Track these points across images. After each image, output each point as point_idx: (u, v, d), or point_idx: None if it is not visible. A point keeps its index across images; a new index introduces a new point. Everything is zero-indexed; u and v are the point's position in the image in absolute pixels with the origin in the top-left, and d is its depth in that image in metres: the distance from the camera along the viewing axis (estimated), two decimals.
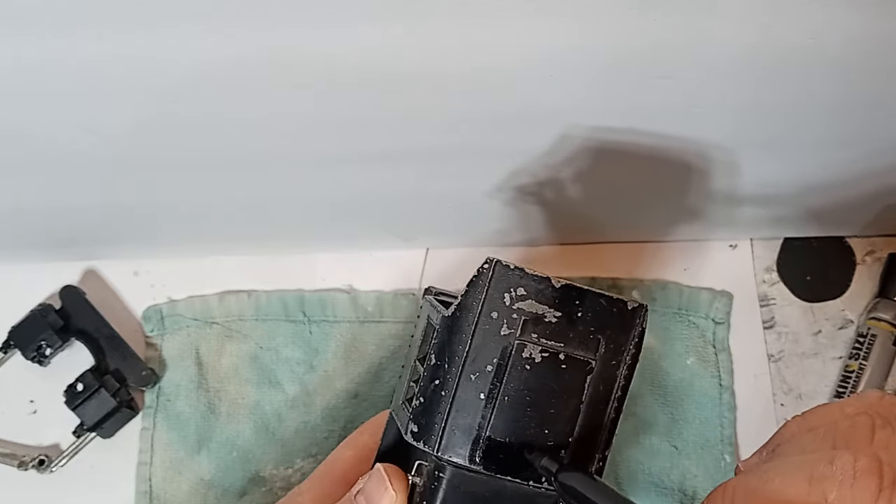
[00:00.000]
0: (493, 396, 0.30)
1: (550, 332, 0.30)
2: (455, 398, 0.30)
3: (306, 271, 0.59)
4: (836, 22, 0.36)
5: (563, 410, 0.30)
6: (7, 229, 0.54)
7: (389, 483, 0.31)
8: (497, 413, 0.30)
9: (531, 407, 0.30)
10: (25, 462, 0.55)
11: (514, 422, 0.30)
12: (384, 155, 0.46)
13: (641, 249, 0.60)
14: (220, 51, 0.36)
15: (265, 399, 0.56)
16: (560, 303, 0.31)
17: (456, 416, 0.30)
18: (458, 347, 0.30)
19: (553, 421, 0.30)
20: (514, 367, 0.30)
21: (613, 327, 0.31)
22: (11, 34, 0.34)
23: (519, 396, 0.30)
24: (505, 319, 0.30)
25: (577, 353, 0.31)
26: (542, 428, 0.30)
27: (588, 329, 0.31)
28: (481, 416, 0.30)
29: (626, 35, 0.36)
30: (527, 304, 0.30)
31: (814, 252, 0.60)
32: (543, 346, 0.30)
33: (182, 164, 0.46)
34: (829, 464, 0.24)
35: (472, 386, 0.30)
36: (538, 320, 0.30)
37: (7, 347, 0.56)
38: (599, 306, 0.31)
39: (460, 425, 0.30)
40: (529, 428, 0.30)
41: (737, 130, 0.45)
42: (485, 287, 0.30)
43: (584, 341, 0.31)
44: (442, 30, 0.35)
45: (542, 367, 0.30)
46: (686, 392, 0.56)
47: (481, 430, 0.30)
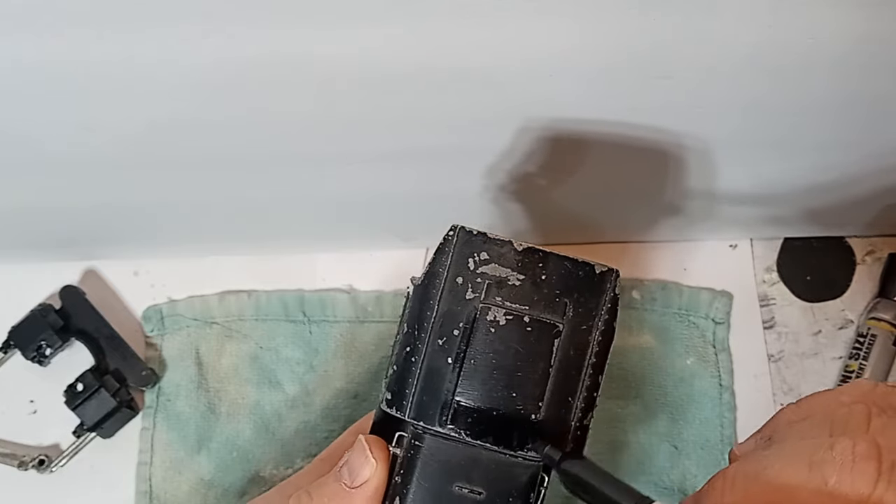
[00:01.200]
0: (460, 361, 0.30)
1: (514, 295, 0.31)
2: (424, 364, 0.31)
3: (306, 271, 0.59)
4: (836, 22, 0.36)
5: (530, 374, 0.30)
6: (7, 229, 0.54)
7: (370, 452, 0.31)
8: (464, 377, 0.30)
9: (497, 370, 0.30)
10: (25, 462, 0.55)
11: (481, 385, 0.30)
12: (384, 155, 0.46)
13: (641, 249, 0.60)
14: (220, 51, 0.36)
15: (265, 399, 0.56)
16: (523, 266, 0.31)
17: (425, 382, 0.31)
18: (427, 314, 0.31)
19: (521, 384, 0.30)
20: (479, 330, 0.30)
21: (581, 290, 0.31)
22: (11, 34, 0.34)
23: (485, 360, 0.30)
24: (469, 284, 0.31)
25: (542, 315, 0.30)
26: (510, 391, 0.30)
27: (553, 292, 0.31)
28: (449, 380, 0.30)
29: (626, 35, 0.36)
30: (490, 267, 0.31)
31: (814, 252, 0.59)
32: (508, 309, 0.30)
33: (182, 163, 0.46)
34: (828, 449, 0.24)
35: (440, 351, 0.31)
36: (502, 283, 0.31)
37: (7, 347, 0.56)
38: (564, 269, 0.31)
39: (430, 390, 0.31)
40: (497, 391, 0.30)
41: (737, 131, 0.45)
42: (450, 253, 0.31)
43: (549, 304, 0.31)
44: (442, 30, 0.35)
45: (507, 329, 0.30)
46: (686, 392, 0.56)
47: (449, 395, 0.30)
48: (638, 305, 0.58)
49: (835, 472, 0.24)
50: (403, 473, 0.31)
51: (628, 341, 0.57)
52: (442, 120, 0.43)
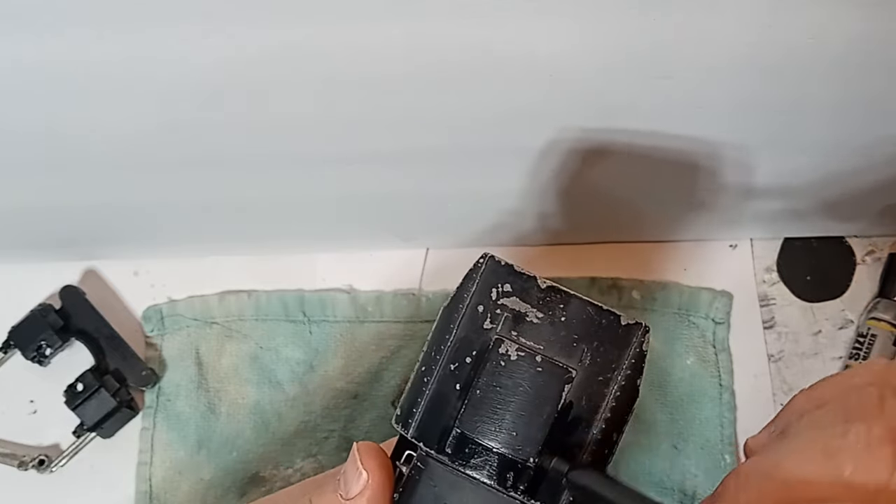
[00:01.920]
0: (467, 389, 0.30)
1: (530, 332, 0.30)
2: (434, 386, 0.31)
3: (306, 271, 0.59)
4: (835, 22, 0.36)
5: (534, 416, 0.29)
6: (7, 229, 0.54)
7: (360, 464, 0.30)
8: (468, 406, 0.30)
9: (501, 406, 0.30)
10: (25, 462, 0.55)
11: (483, 418, 0.30)
12: (384, 155, 0.46)
13: (641, 249, 0.60)
14: (219, 51, 0.36)
15: (265, 399, 0.56)
16: (544, 304, 0.30)
17: (432, 404, 0.30)
18: (445, 337, 0.31)
19: (523, 425, 0.29)
20: (489, 361, 0.30)
21: (602, 339, 0.30)
22: (11, 34, 0.34)
23: (491, 393, 0.30)
24: (489, 314, 0.30)
25: (556, 358, 0.30)
26: (511, 430, 0.29)
27: (571, 336, 0.30)
28: (453, 407, 0.30)
29: (626, 35, 0.36)
30: (511, 300, 0.30)
31: (814, 252, 0.59)
32: (521, 345, 0.30)
33: (182, 163, 0.46)
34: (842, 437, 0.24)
35: (450, 376, 0.30)
36: (520, 318, 0.30)
37: (7, 347, 0.56)
38: (586, 314, 0.30)
39: (435, 414, 0.30)
40: (498, 428, 0.30)
41: (737, 131, 0.45)
42: (476, 280, 0.31)
43: (565, 347, 0.30)
44: (442, 30, 0.35)
45: (517, 365, 0.30)
46: (686, 392, 0.56)
47: (452, 422, 0.30)
48: (638, 305, 0.58)
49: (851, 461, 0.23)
50: (402, 492, 0.31)
51: None
52: (442, 120, 0.43)
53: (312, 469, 0.55)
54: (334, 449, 0.55)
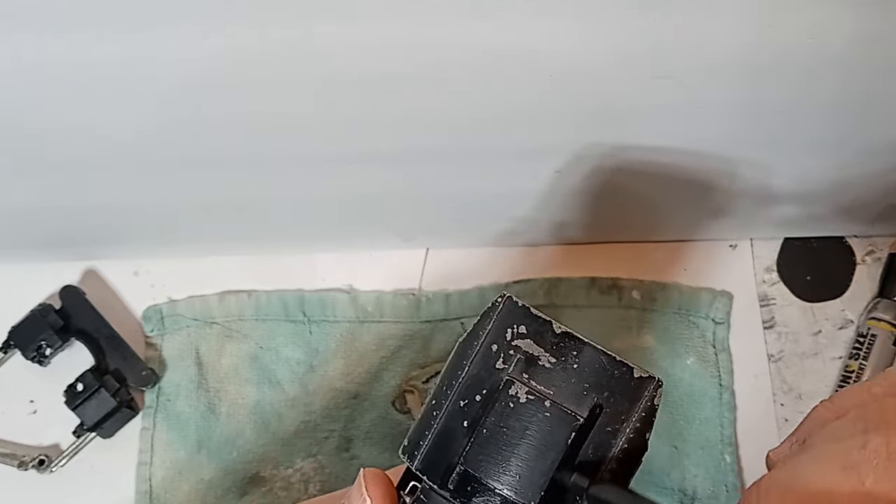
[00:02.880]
0: (474, 427, 0.30)
1: (541, 376, 0.30)
2: (442, 421, 0.31)
3: (306, 271, 0.59)
4: (835, 22, 0.36)
5: (538, 460, 0.29)
6: (7, 229, 0.54)
7: (365, 490, 0.30)
8: (474, 444, 0.30)
9: (507, 447, 0.30)
10: (25, 462, 0.55)
11: (488, 458, 0.30)
12: (384, 155, 0.46)
13: (641, 249, 0.60)
14: (219, 51, 0.36)
15: (265, 399, 0.56)
16: (557, 349, 0.30)
17: (439, 438, 0.31)
18: (458, 372, 0.31)
19: (526, 468, 0.29)
20: (498, 401, 0.30)
21: (613, 390, 0.30)
22: (11, 34, 0.34)
23: (498, 434, 0.30)
24: (502, 353, 0.30)
25: (565, 404, 0.29)
26: (514, 472, 0.29)
27: (582, 384, 0.30)
28: (459, 443, 0.30)
29: (627, 35, 0.36)
30: (525, 343, 0.30)
31: (814, 252, 0.60)
32: (531, 388, 0.30)
33: (182, 164, 0.46)
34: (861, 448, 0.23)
35: (459, 412, 0.30)
36: (532, 361, 0.30)
37: (7, 347, 0.56)
38: (599, 363, 0.30)
39: (441, 448, 0.30)
40: (502, 468, 0.30)
41: (736, 131, 0.45)
42: (492, 319, 0.31)
43: (575, 395, 0.30)
44: (442, 30, 0.35)
45: (525, 408, 0.30)
46: (686, 392, 0.56)
47: (456, 458, 0.30)
48: (638, 305, 0.58)
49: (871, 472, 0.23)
50: None
51: (628, 341, 0.57)
52: (442, 120, 0.43)
53: (312, 469, 0.55)
54: (334, 449, 0.55)
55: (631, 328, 0.57)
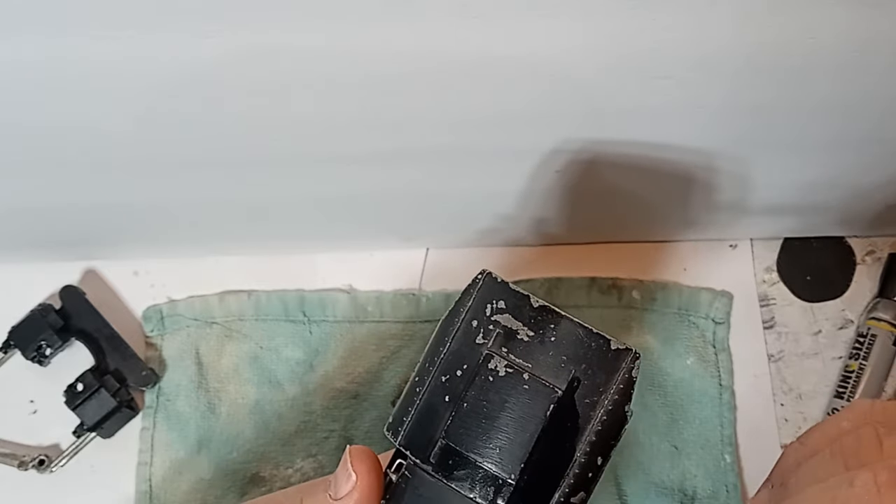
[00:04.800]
0: (456, 402, 0.30)
1: (520, 350, 0.30)
2: (425, 397, 0.31)
3: (306, 271, 0.59)
4: (836, 22, 0.36)
5: (517, 433, 0.29)
6: (7, 229, 0.54)
7: (350, 466, 0.31)
8: (455, 419, 0.30)
9: (487, 421, 0.30)
10: (25, 462, 0.55)
11: (469, 431, 0.30)
12: (384, 155, 0.46)
13: (641, 249, 0.60)
14: (219, 50, 0.36)
15: (265, 399, 0.56)
16: (535, 322, 0.30)
17: (421, 414, 0.31)
18: (440, 349, 0.31)
19: (506, 441, 0.30)
20: (478, 376, 0.30)
21: (591, 362, 0.30)
22: (11, 33, 0.34)
23: (477, 406, 0.30)
24: (482, 329, 0.31)
25: (543, 377, 0.30)
26: (494, 445, 0.30)
27: (560, 356, 0.30)
28: (441, 418, 0.30)
29: (626, 35, 0.36)
30: (504, 317, 0.31)
31: (814, 252, 0.60)
32: (510, 362, 0.30)
33: (182, 163, 0.46)
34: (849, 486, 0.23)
35: (441, 388, 0.31)
36: (511, 335, 0.30)
37: (7, 347, 0.56)
38: (576, 336, 0.30)
39: (423, 424, 0.31)
40: (482, 442, 0.30)
41: (736, 131, 0.45)
42: (472, 296, 0.31)
43: (553, 368, 0.30)
44: (441, 30, 0.35)
45: (504, 381, 0.30)
46: (686, 392, 0.56)
47: (439, 432, 0.30)
48: (638, 305, 0.58)
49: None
50: (389, 499, 0.31)
51: (628, 341, 0.57)
52: (442, 120, 0.43)
53: (312, 469, 0.55)
54: (334, 449, 0.55)
55: (631, 328, 0.57)
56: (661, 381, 0.56)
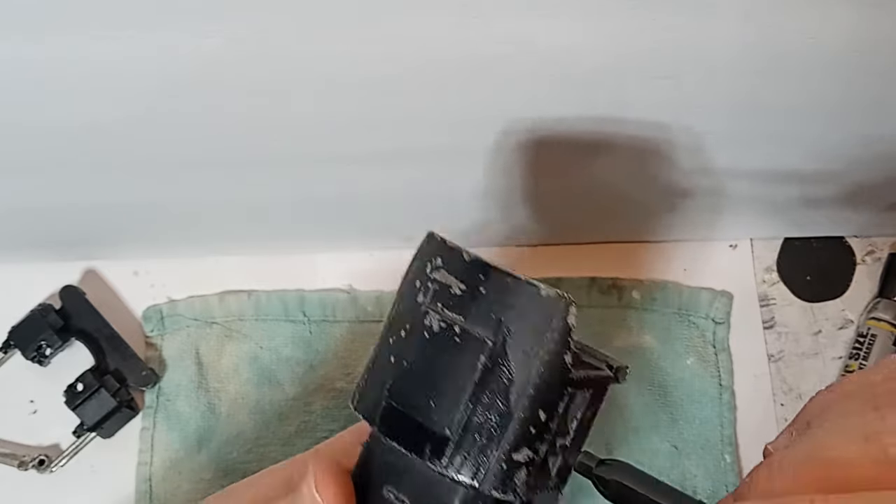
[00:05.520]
0: (399, 361, 0.30)
1: (453, 304, 0.29)
2: (376, 361, 0.31)
3: (306, 271, 0.59)
4: (836, 22, 0.36)
5: (451, 387, 0.29)
6: (7, 229, 0.54)
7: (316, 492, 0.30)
8: (397, 378, 0.30)
9: (424, 377, 0.29)
10: (25, 462, 0.55)
11: (409, 389, 0.30)
12: (384, 155, 0.46)
13: (641, 249, 0.59)
14: (220, 51, 0.36)
15: (265, 399, 0.56)
16: (467, 276, 0.30)
17: (372, 376, 0.31)
18: (390, 311, 0.31)
19: (441, 397, 0.29)
20: (416, 333, 0.30)
21: (522, 313, 0.28)
22: (10, 33, 0.34)
23: (416, 364, 0.30)
24: (422, 288, 0.30)
25: (474, 329, 0.29)
26: (431, 401, 0.29)
27: (490, 307, 0.29)
28: (387, 379, 0.30)
29: (627, 35, 0.36)
30: (441, 274, 0.30)
31: (814, 252, 0.60)
32: (443, 317, 0.29)
33: (182, 163, 0.46)
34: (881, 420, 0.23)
35: (388, 349, 0.31)
36: (445, 290, 0.30)
37: (7, 347, 0.56)
38: (505, 286, 0.29)
39: (373, 386, 0.31)
40: (421, 399, 0.29)
41: (736, 131, 0.45)
42: (415, 258, 0.31)
43: (484, 319, 0.29)
44: (441, 30, 0.35)
45: (439, 337, 0.29)
46: (686, 392, 0.56)
47: (384, 393, 0.30)
48: (638, 305, 0.58)
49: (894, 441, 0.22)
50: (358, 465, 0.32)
51: (628, 341, 0.57)
52: (442, 120, 0.43)
53: None
54: None
55: (631, 328, 0.57)
56: (661, 381, 0.56)
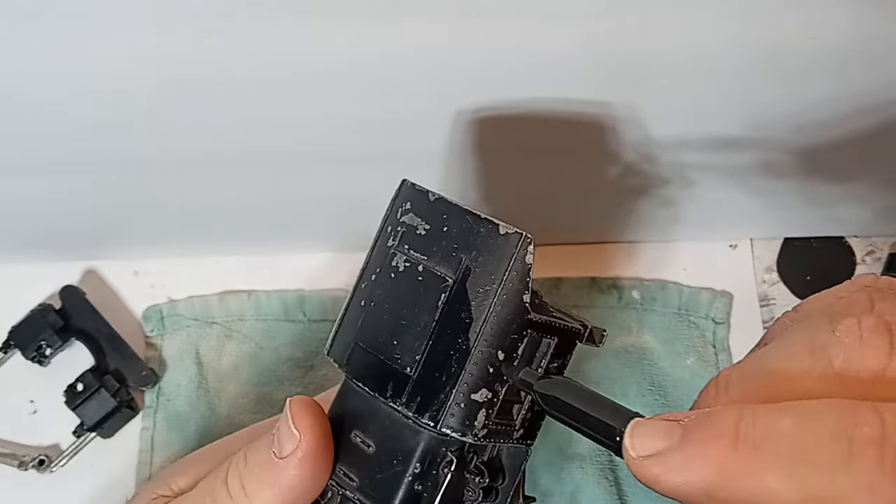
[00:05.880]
0: (367, 303, 0.31)
1: (417, 244, 0.30)
2: (349, 306, 0.32)
3: (306, 271, 0.59)
4: (836, 21, 0.36)
5: (413, 325, 0.29)
6: (7, 229, 0.54)
7: (292, 424, 0.30)
8: (364, 319, 0.30)
9: (388, 316, 0.30)
10: (25, 462, 0.55)
11: (374, 330, 0.30)
12: (384, 154, 0.46)
13: (641, 249, 0.60)
14: (219, 51, 0.36)
15: (265, 399, 0.56)
16: (431, 215, 0.30)
17: (345, 322, 0.31)
18: (365, 258, 0.32)
19: (403, 334, 0.29)
20: (383, 274, 0.30)
21: (481, 250, 0.28)
22: (10, 33, 0.34)
23: (382, 304, 0.30)
24: (392, 231, 0.31)
25: (436, 267, 0.29)
26: (395, 340, 0.29)
27: (451, 245, 0.29)
28: (356, 321, 0.31)
29: (627, 35, 0.36)
30: (408, 216, 0.31)
31: (814, 252, 0.60)
32: (408, 256, 0.30)
33: (183, 164, 0.46)
34: (830, 331, 0.21)
35: (360, 293, 0.31)
36: (411, 231, 0.30)
37: (7, 347, 0.56)
38: (465, 223, 0.29)
39: (345, 329, 0.31)
40: (383, 337, 0.29)
41: (734, 131, 0.45)
42: (390, 205, 0.32)
43: (445, 257, 0.29)
44: (441, 30, 0.35)
45: (403, 276, 0.30)
46: (686, 392, 0.56)
47: (352, 335, 0.31)
48: (638, 305, 0.58)
49: (841, 352, 0.21)
50: (331, 409, 0.32)
51: (628, 341, 0.57)
52: (441, 120, 0.43)
53: None
54: None
55: (631, 328, 0.57)
56: (661, 381, 0.56)
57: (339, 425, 0.31)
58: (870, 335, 0.21)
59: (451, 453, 0.29)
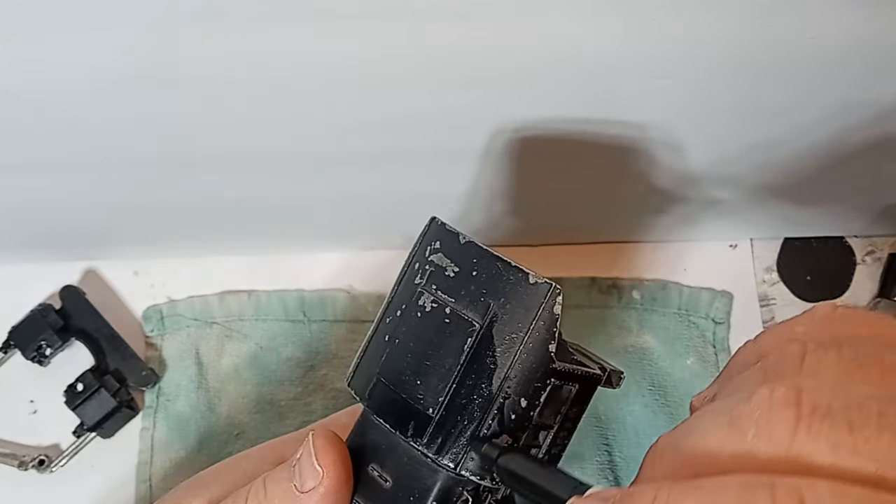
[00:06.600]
0: (392, 340, 0.31)
1: (445, 285, 0.30)
2: (372, 339, 0.32)
3: (306, 271, 0.59)
4: (836, 22, 0.36)
5: (437, 367, 0.29)
6: (7, 229, 0.54)
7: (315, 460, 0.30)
8: (388, 355, 0.31)
9: (413, 355, 0.30)
10: (25, 462, 0.55)
11: (398, 368, 0.30)
12: (384, 155, 0.46)
13: (641, 249, 0.60)
14: (218, 51, 0.36)
15: (265, 399, 0.56)
16: (461, 258, 0.30)
17: (367, 355, 0.32)
18: (390, 292, 0.32)
19: (428, 376, 0.29)
20: (409, 312, 0.31)
21: (510, 297, 0.29)
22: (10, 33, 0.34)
23: (406, 342, 0.30)
24: (420, 269, 0.31)
25: (463, 311, 0.29)
26: (418, 380, 0.29)
27: (480, 290, 0.29)
28: (380, 356, 0.31)
29: (627, 35, 0.36)
30: (437, 256, 0.31)
31: (814, 252, 0.60)
32: (436, 297, 0.30)
33: (182, 163, 0.46)
34: (746, 401, 0.21)
35: (384, 328, 0.31)
36: (440, 272, 0.31)
37: (7, 347, 0.56)
38: (495, 269, 0.29)
39: (367, 364, 0.32)
40: (409, 377, 0.30)
41: (735, 131, 0.45)
42: (418, 242, 0.32)
43: (473, 302, 0.29)
44: (441, 30, 0.35)
45: (429, 317, 0.30)
46: (686, 392, 0.56)
47: (375, 369, 0.31)
48: (638, 305, 0.58)
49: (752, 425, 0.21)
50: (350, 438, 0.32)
51: (628, 341, 0.57)
52: (441, 120, 0.43)
53: None
54: None
55: (631, 328, 0.57)
56: (661, 381, 0.56)
57: (357, 457, 0.31)
58: (778, 408, 0.20)
59: (466, 492, 0.30)
